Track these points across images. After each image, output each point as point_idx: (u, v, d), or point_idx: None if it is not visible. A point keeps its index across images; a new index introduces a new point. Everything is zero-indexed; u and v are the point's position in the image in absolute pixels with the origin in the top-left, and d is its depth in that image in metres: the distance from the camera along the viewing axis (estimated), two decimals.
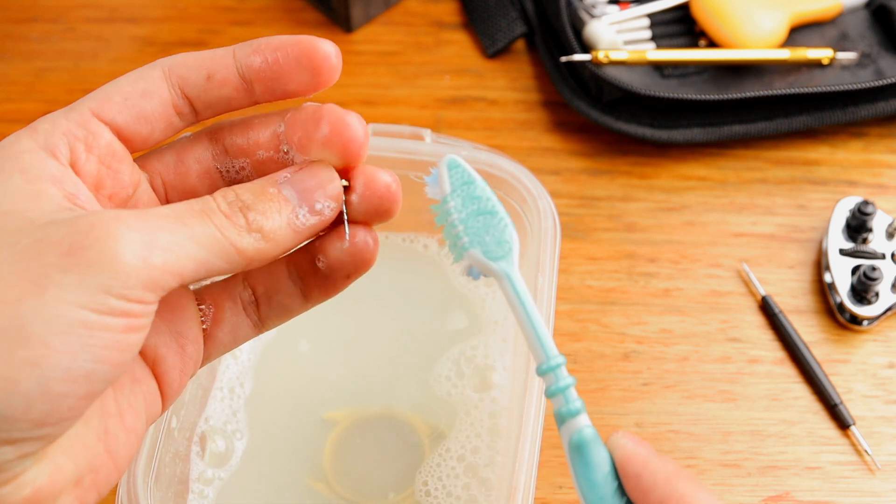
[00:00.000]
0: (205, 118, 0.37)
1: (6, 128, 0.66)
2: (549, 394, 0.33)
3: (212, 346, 0.38)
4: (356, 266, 0.37)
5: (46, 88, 0.67)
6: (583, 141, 0.66)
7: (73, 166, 0.34)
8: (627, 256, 0.61)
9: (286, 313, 0.38)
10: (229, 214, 0.33)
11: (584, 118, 0.64)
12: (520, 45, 0.70)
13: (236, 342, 0.38)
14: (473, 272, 0.35)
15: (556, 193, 0.63)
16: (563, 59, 0.64)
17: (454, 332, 0.55)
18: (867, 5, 0.68)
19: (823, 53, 0.64)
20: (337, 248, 0.36)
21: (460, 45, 0.70)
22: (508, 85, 0.68)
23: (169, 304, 0.36)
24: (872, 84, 0.63)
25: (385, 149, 0.51)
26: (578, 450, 0.34)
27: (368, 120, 0.66)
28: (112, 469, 0.35)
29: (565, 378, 0.33)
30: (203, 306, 0.38)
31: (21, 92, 0.67)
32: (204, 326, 0.38)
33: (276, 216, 0.34)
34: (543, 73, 0.68)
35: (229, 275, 0.36)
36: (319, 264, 0.37)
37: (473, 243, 0.34)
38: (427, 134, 0.52)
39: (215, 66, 0.36)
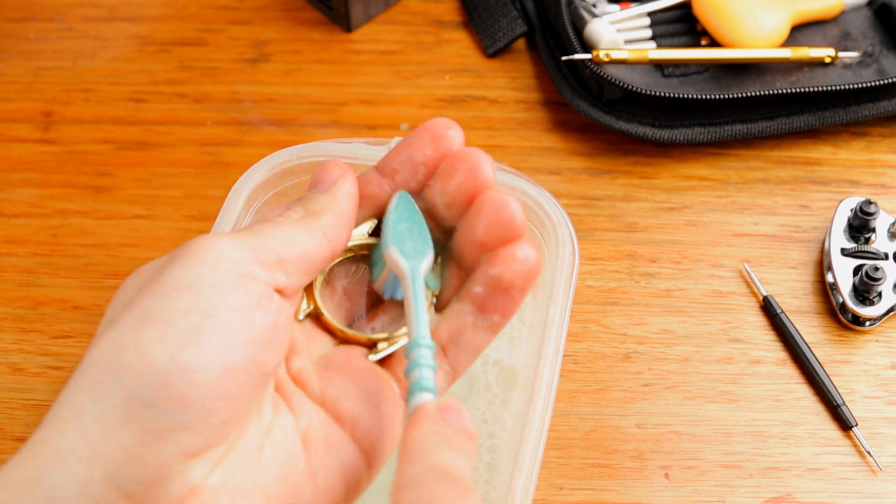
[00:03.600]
0: None
1: (5, 127, 0.66)
2: (408, 369, 0.36)
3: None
4: (525, 278, 0.40)
5: (45, 87, 0.67)
6: (583, 140, 0.65)
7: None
8: (628, 256, 0.61)
9: (475, 350, 0.41)
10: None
11: (585, 118, 0.64)
12: (520, 44, 0.70)
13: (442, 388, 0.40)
14: (387, 287, 0.40)
15: (556, 193, 0.63)
16: (564, 58, 0.64)
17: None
18: (869, 4, 0.67)
19: (825, 52, 0.64)
20: (504, 267, 0.40)
21: (460, 45, 0.70)
22: (509, 84, 0.68)
23: (355, 368, 0.39)
24: (875, 83, 0.62)
25: None
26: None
27: (369, 120, 0.66)
28: None
29: (427, 358, 0.36)
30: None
31: (19, 91, 0.67)
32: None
33: (321, 199, 0.39)
34: (544, 72, 0.68)
35: (320, 258, 0.38)
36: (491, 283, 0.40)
37: (390, 242, 0.38)
38: None
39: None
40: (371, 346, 0.40)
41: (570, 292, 0.47)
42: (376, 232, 0.41)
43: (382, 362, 0.40)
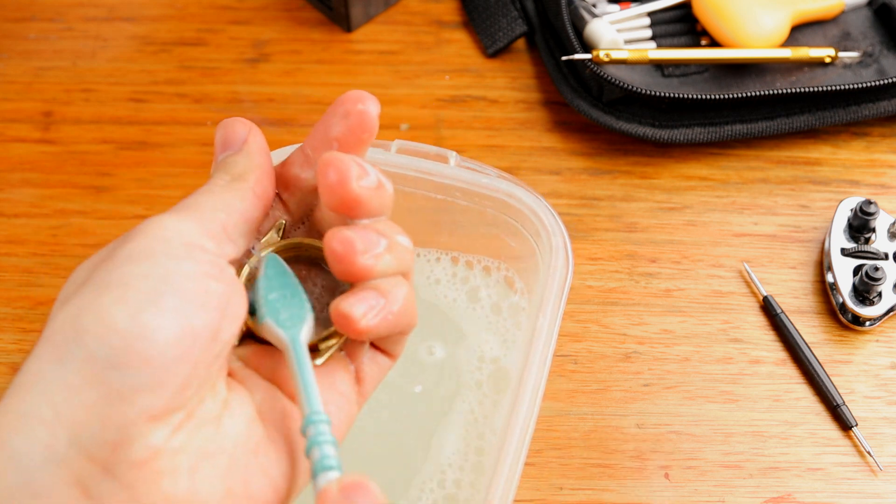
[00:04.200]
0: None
1: (5, 127, 0.66)
2: (307, 447, 0.35)
3: (362, 385, 0.40)
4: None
5: (45, 87, 0.67)
6: (583, 140, 0.65)
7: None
8: (628, 256, 0.61)
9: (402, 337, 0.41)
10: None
11: (585, 118, 0.64)
12: (520, 44, 0.70)
13: (382, 373, 0.41)
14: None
15: (556, 193, 0.63)
16: (564, 58, 0.64)
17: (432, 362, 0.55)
18: (869, 4, 0.67)
19: (825, 52, 0.64)
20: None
21: (460, 45, 0.70)
22: (509, 84, 0.68)
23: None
24: (875, 83, 0.62)
25: (405, 167, 0.50)
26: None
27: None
28: (267, 489, 0.36)
29: (325, 434, 0.35)
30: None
31: (19, 91, 0.67)
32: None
33: (240, 161, 0.39)
34: (544, 72, 0.68)
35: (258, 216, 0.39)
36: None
37: (266, 315, 0.38)
38: (452, 156, 0.51)
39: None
40: (312, 348, 0.39)
41: (560, 303, 0.47)
42: (286, 234, 0.41)
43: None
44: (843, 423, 0.55)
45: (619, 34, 0.64)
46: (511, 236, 0.52)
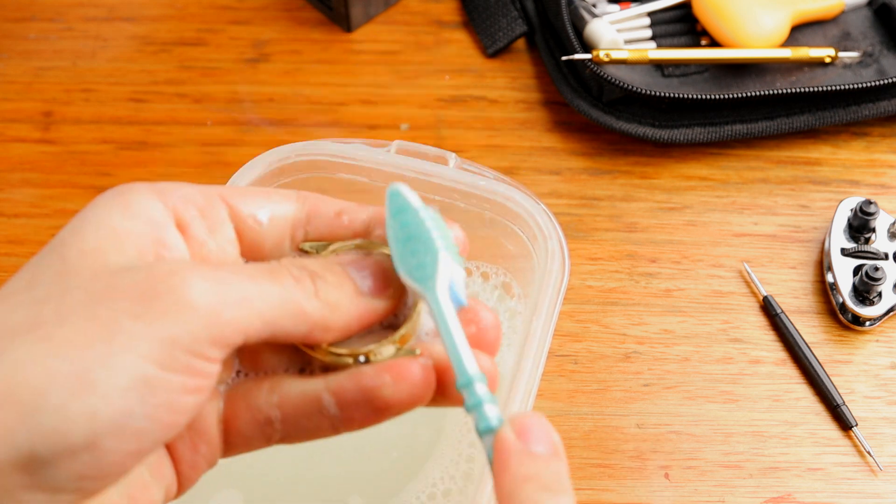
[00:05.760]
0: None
1: (5, 127, 0.66)
2: (467, 409, 0.33)
3: (227, 448, 0.37)
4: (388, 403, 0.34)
5: (45, 87, 0.67)
6: (583, 140, 0.65)
7: (180, 224, 0.34)
8: (628, 256, 0.61)
9: (308, 435, 0.36)
10: (298, 277, 0.33)
11: (585, 118, 0.64)
12: (520, 44, 0.70)
13: (250, 447, 0.36)
14: (453, 296, 0.35)
15: (556, 193, 0.63)
16: (564, 58, 0.64)
17: None
18: (869, 4, 0.67)
19: (825, 52, 0.64)
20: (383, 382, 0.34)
21: (460, 45, 0.70)
22: (509, 84, 0.68)
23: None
24: (875, 83, 0.62)
25: (404, 167, 0.50)
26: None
27: (369, 120, 0.66)
28: None
29: (479, 395, 0.33)
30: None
31: (19, 91, 0.67)
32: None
33: (341, 288, 0.34)
34: (544, 72, 0.68)
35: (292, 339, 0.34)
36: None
37: (399, 266, 0.34)
38: (451, 158, 0.51)
39: (349, 208, 0.37)
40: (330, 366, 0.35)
41: (556, 306, 0.47)
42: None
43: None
44: (843, 423, 0.55)
45: (619, 34, 0.64)
46: (508, 239, 0.52)
